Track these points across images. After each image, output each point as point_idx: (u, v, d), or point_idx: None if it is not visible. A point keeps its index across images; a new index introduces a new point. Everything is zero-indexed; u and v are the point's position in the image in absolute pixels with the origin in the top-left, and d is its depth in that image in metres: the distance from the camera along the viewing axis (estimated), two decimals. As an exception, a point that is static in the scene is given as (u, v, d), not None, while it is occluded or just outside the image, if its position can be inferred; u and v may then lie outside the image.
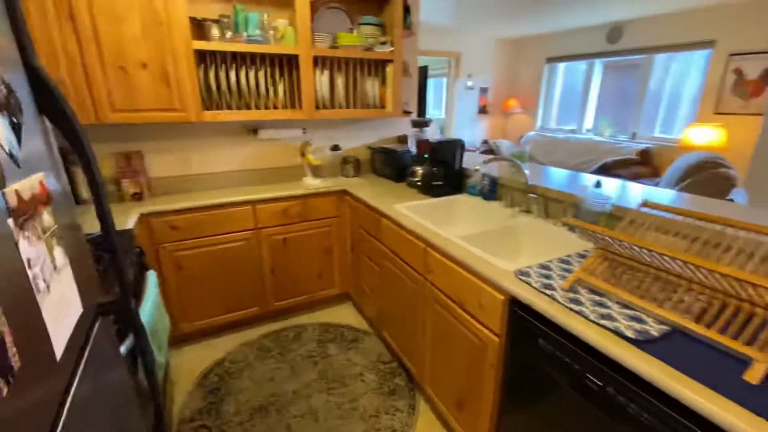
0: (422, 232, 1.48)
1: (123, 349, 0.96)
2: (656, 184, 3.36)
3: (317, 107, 2.19)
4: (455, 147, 2.00)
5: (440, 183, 2.02)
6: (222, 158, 2.30)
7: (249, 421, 1.66)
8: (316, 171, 2.51)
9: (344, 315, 2.46)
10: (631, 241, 0.87)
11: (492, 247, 1.52)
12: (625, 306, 0.93)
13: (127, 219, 1.71)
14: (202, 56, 1.93)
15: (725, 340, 0.75)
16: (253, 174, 2.38)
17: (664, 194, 1.51)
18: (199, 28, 1.90)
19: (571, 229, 1.44)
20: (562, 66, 5.77)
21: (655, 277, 0.94)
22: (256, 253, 2.15)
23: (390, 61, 2.27)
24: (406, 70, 2.44)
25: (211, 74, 1.93)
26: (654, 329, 0.84)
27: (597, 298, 0.98)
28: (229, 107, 2.04)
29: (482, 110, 6.29)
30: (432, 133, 2.54)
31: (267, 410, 1.72)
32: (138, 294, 1.26)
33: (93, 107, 1.70)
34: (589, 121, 5.45)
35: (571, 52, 5.34)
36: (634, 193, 1.52)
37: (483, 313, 1.21)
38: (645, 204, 1.12)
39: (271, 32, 2.03)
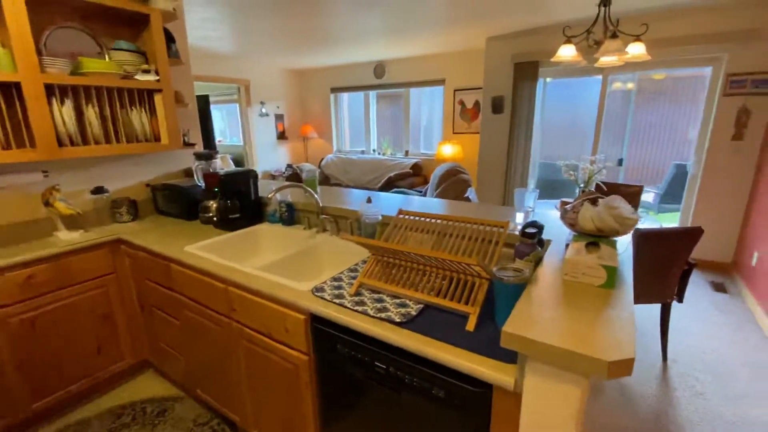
0: (220, 271, 1.41)
1: None
2: (425, 191, 4.22)
3: (61, 144, 1.78)
4: (248, 177, 1.99)
5: (237, 215, 1.96)
6: None
7: None
8: (73, 222, 2.03)
9: (145, 387, 2.06)
10: (380, 245, 1.08)
11: (295, 270, 1.58)
12: (395, 296, 1.15)
13: None
14: None
15: (454, 304, 1.03)
16: (-37, 239, 1.72)
17: (425, 201, 1.93)
18: None
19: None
20: (346, 95, 6.54)
21: (412, 268, 1.19)
22: (-16, 347, 1.56)
23: (158, 90, 2.07)
24: (180, 99, 2.27)
25: None
26: (414, 309, 1.06)
27: (376, 295, 1.17)
28: None
29: (281, 136, 6.43)
30: (223, 165, 2.44)
31: None
32: None
33: None
34: (374, 142, 6.35)
35: (350, 83, 6.11)
36: (400, 201, 1.88)
37: (290, 336, 1.25)
38: (400, 212, 1.41)
39: (-32, 52, 1.54)
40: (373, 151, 6.27)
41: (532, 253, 1.04)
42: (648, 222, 2.73)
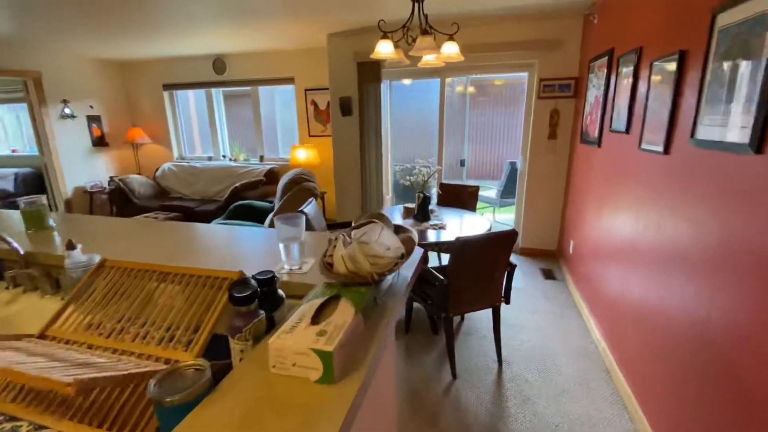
0: None
1: None
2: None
3: None
4: None
5: None
6: None
7: None
8: None
9: None
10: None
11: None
12: (41, 427, 0.68)
13: None
14: None
15: (109, 438, 0.61)
16: None
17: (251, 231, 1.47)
18: None
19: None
20: (190, 93, 5.59)
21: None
22: None
23: None
24: None
25: None
26: (43, 457, 0.61)
27: (8, 426, 0.68)
28: None
29: (99, 142, 5.18)
30: None
31: None
32: None
33: None
34: (225, 147, 5.58)
35: (187, 79, 5.23)
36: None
37: None
38: (103, 261, 0.93)
39: None
40: (223, 157, 5.50)
41: (246, 328, 0.68)
42: (485, 218, 2.76)
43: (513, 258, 3.82)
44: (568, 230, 3.40)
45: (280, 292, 0.79)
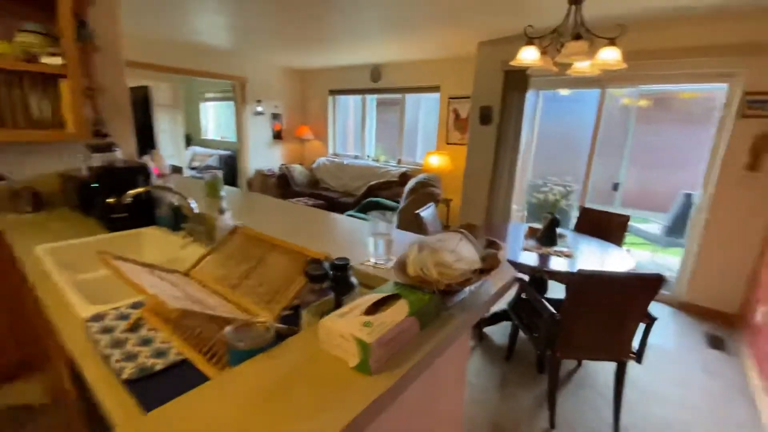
0: (38, 280, 1.21)
1: None
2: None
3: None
4: (136, 173, 1.81)
5: (124, 215, 1.78)
6: None
7: None
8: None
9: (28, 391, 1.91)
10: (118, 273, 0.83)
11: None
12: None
13: None
14: None
15: (199, 362, 0.76)
16: None
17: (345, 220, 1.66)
18: None
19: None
20: (351, 99, 6.35)
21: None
22: None
23: (63, 75, 1.93)
24: (93, 86, 2.13)
25: None
26: (163, 363, 0.80)
27: (152, 334, 0.92)
28: None
29: (277, 136, 6.33)
30: (154, 163, 2.28)
31: None
32: None
33: None
34: (370, 148, 6.12)
35: (348, 86, 5.92)
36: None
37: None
38: (235, 228, 1.16)
39: None
40: (368, 157, 6.03)
41: (313, 304, 0.76)
42: (630, 255, 2.31)
43: (664, 310, 3.11)
44: (758, 292, 2.57)
45: (354, 279, 0.85)
